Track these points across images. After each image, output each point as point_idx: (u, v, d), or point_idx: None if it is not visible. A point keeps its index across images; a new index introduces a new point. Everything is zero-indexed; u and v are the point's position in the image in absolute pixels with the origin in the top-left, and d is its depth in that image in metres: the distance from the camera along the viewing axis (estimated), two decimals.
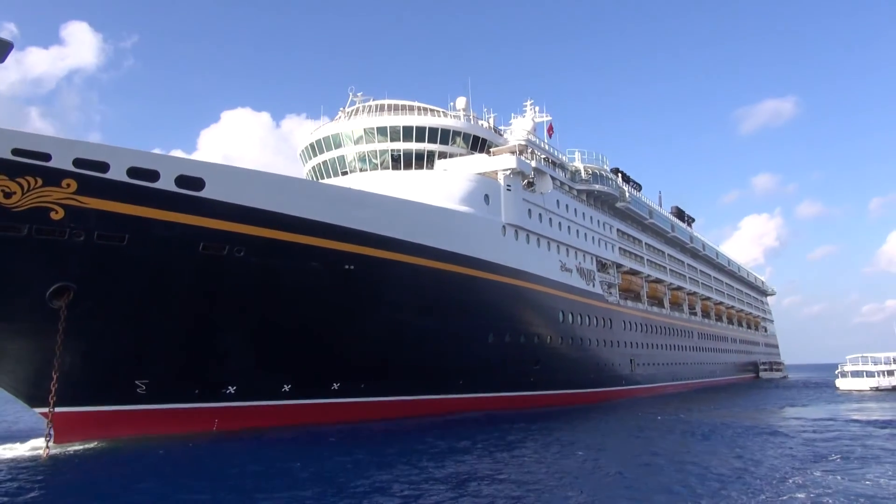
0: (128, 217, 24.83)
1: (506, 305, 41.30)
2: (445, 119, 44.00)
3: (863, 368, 70.02)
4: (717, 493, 15.65)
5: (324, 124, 46.05)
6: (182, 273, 26.89)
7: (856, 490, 15.94)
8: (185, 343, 28.13)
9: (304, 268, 29.96)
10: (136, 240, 25.23)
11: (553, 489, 16.95)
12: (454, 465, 20.60)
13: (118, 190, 24.36)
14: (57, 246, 23.84)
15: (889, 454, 22.27)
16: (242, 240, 27.79)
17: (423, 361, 35.68)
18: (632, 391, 57.95)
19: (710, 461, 20.56)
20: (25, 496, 16.40)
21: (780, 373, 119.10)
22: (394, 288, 33.63)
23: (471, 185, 40.68)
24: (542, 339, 44.70)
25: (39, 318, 24.47)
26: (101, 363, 26.33)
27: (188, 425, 28.59)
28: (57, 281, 24.33)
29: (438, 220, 36.77)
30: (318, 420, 31.93)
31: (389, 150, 42.77)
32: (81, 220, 23.95)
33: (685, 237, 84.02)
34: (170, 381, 28.21)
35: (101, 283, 25.18)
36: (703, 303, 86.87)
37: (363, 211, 32.20)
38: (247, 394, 30.37)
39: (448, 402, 37.71)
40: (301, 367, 31.36)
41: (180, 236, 26.18)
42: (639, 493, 16.06)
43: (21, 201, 22.78)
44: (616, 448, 25.31)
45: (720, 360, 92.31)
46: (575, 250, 51.71)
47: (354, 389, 33.59)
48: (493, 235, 41.12)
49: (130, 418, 27.74)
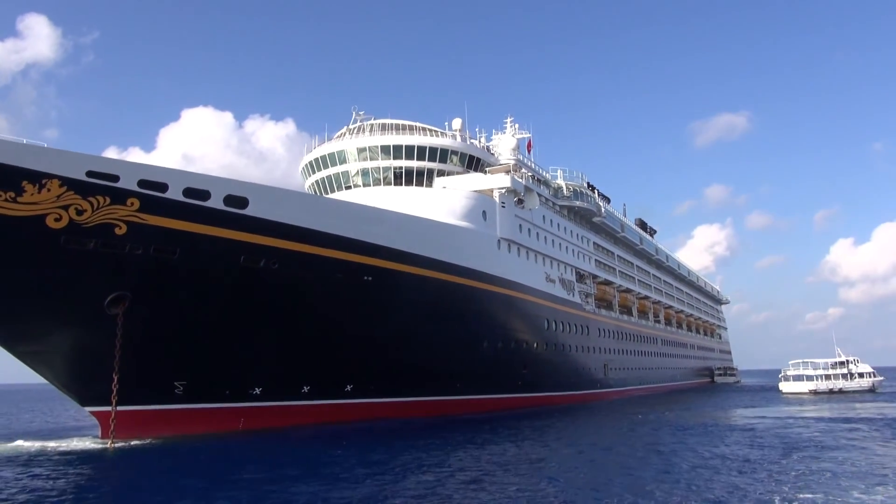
0: (181, 232, 27.24)
1: (499, 314, 44.62)
2: (443, 139, 47.17)
3: (803, 373, 74.70)
4: (733, 473, 19.17)
5: (327, 141, 48.66)
6: (223, 283, 29.32)
7: (838, 469, 19.65)
8: (219, 347, 30.49)
9: (328, 279, 32.63)
10: (186, 253, 27.63)
11: (565, 470, 20.29)
12: (476, 451, 23.73)
13: (174, 208, 26.78)
14: (118, 258, 26.12)
15: (853, 442, 26.59)
16: (277, 253, 30.36)
17: (427, 365, 38.63)
18: (606, 394, 61.97)
19: (709, 451, 24.13)
20: (117, 481, 18.96)
21: (734, 377, 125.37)
22: (404, 297, 36.50)
23: (469, 202, 43.90)
24: (530, 346, 48.15)
25: (97, 324, 26.69)
26: (146, 366, 28.55)
27: (217, 424, 30.95)
28: (115, 290, 26.60)
29: (443, 234, 39.87)
30: (333, 419, 34.56)
31: (392, 168, 45.67)
32: (141, 235, 26.29)
33: (651, 249, 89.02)
34: (204, 383, 30.57)
35: (152, 293, 27.49)
36: (665, 311, 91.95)
37: (380, 227, 35.07)
38: (271, 394, 32.86)
39: (448, 403, 40.76)
40: (320, 370, 33.99)
41: (225, 250, 28.66)
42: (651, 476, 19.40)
43: (90, 218, 25.04)
44: (619, 440, 28.84)
45: (681, 365, 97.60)
46: (558, 262, 55.46)
47: (366, 391, 36.32)
48: (490, 249, 44.45)
49: (169, 417, 30.01)
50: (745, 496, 15.77)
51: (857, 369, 75.50)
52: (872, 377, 75.72)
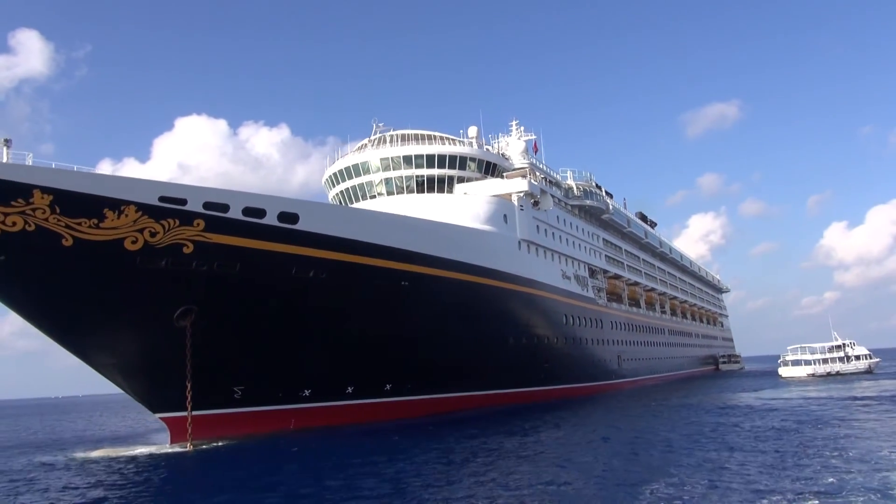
0: (240, 248, 29.45)
1: (522, 311, 47.00)
2: (462, 147, 49.48)
3: (801, 357, 77.14)
4: (789, 444, 21.91)
5: (349, 153, 50.92)
6: (277, 294, 31.53)
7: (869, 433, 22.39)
8: (273, 353, 32.71)
9: (370, 286, 34.87)
10: (245, 267, 29.84)
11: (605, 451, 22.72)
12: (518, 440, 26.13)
13: (235, 226, 29.00)
14: (185, 275, 28.34)
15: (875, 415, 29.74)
16: (324, 264, 32.59)
17: (458, 363, 40.96)
18: (620, 384, 64.45)
19: (752, 429, 26.98)
20: (211, 477, 21.23)
21: (738, 364, 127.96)
22: (437, 299, 38.75)
23: (491, 207, 46.24)
24: (550, 340, 50.51)
25: (166, 336, 28.92)
26: (210, 372, 30.76)
27: (270, 425, 33.18)
28: (183, 304, 28.82)
29: (470, 238, 42.20)
30: (374, 417, 36.82)
31: (414, 176, 47.94)
32: (205, 253, 28.50)
33: (655, 242, 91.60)
34: (260, 387, 32.83)
35: (216, 305, 29.71)
36: (671, 302, 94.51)
37: (414, 234, 37.35)
38: (319, 396, 35.11)
39: (478, 397, 43.15)
40: (362, 371, 36.25)
41: (278, 263, 30.88)
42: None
43: (162, 239, 27.27)
44: (668, 423, 31.39)
45: (687, 354, 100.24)
46: (572, 259, 57.88)
47: (403, 389, 38.61)
48: (511, 250, 46.80)
49: (229, 420, 32.26)
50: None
51: (853, 352, 77.89)
52: (868, 359, 78.23)
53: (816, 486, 15.11)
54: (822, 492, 14.43)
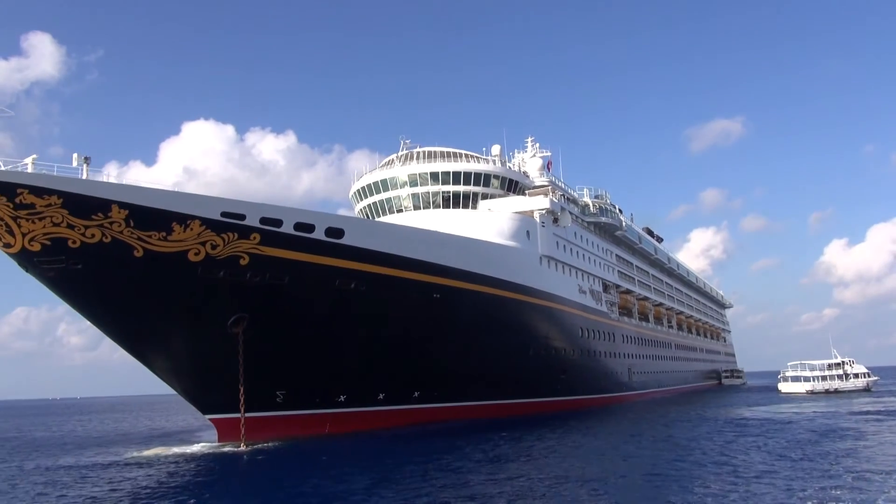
0: (291, 261, 31.38)
1: (542, 324, 48.86)
2: (486, 165, 51.51)
3: (801, 374, 78.71)
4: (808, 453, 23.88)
5: (375, 168, 52.93)
6: (320, 304, 33.42)
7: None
8: (313, 360, 34.52)
9: (404, 297, 36.74)
10: (294, 279, 31.75)
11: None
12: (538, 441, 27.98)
13: (287, 240, 30.95)
14: (241, 285, 30.24)
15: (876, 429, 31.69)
16: (365, 276, 34.48)
17: (483, 372, 42.80)
18: (630, 396, 66.23)
19: (774, 439, 29.00)
20: (275, 470, 23.05)
21: (741, 379, 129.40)
22: (465, 311, 40.64)
23: (515, 223, 48.21)
24: (567, 352, 52.33)
25: (219, 341, 30.79)
26: (256, 377, 32.57)
27: (307, 428, 35.04)
28: (237, 312, 30.70)
29: (496, 254, 44.13)
30: (402, 422, 38.61)
31: (441, 192, 49.91)
32: (259, 265, 30.42)
33: (664, 258, 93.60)
34: (300, 391, 34.65)
35: (265, 314, 31.58)
36: (677, 317, 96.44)
37: (446, 249, 39.27)
38: (353, 401, 36.93)
39: (501, 406, 44.95)
40: (393, 379, 38.09)
41: (324, 275, 32.79)
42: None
43: (222, 251, 29.21)
44: (691, 433, 33.26)
45: (692, 368, 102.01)
46: (588, 274, 59.83)
47: (430, 396, 40.45)
48: (533, 265, 48.74)
49: (271, 422, 34.07)
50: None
51: (852, 370, 79.55)
52: (867, 377, 79.86)
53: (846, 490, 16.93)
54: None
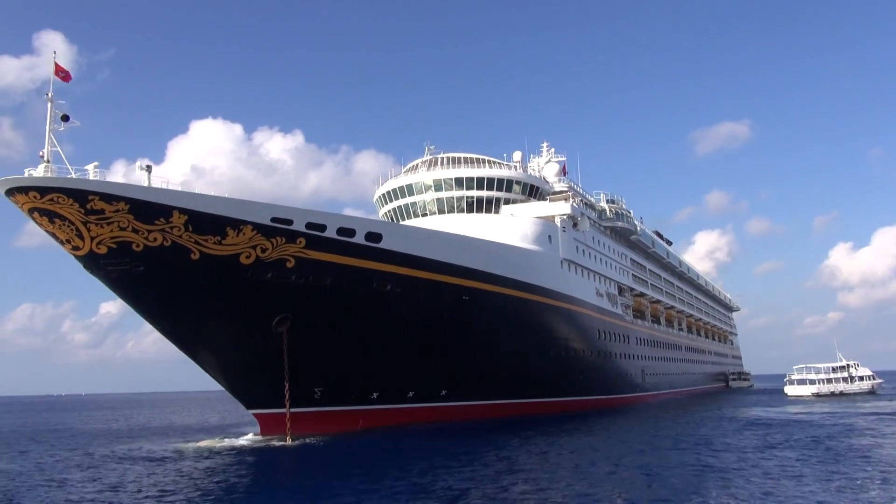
0: (333, 264, 32.98)
1: (562, 326, 50.38)
2: (508, 171, 53.11)
3: (806, 377, 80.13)
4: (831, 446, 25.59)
5: (400, 173, 54.56)
6: (358, 305, 34.98)
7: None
8: (350, 358, 36.09)
9: (436, 299, 38.30)
10: (335, 281, 33.34)
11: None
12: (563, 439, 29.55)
13: (330, 244, 32.55)
14: (286, 287, 31.85)
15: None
16: (400, 279, 36.06)
17: (506, 372, 44.31)
18: (644, 397, 67.75)
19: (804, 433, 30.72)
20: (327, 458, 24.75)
21: (748, 382, 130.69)
22: (492, 313, 42.17)
23: (537, 228, 49.76)
24: (585, 354, 53.85)
25: (264, 340, 32.41)
26: (297, 374, 34.16)
27: (342, 424, 36.56)
28: (281, 312, 32.30)
29: (521, 257, 45.67)
30: (430, 419, 40.16)
31: (465, 197, 51.49)
32: (304, 268, 32.03)
33: (675, 262, 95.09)
34: (336, 388, 36.23)
35: (307, 314, 33.17)
36: (687, 320, 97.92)
37: (475, 253, 40.83)
38: (385, 398, 38.51)
39: (523, 405, 46.45)
40: (422, 377, 39.64)
41: (363, 277, 34.38)
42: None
43: (270, 255, 30.83)
44: (720, 431, 34.79)
45: (701, 370, 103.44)
46: (604, 278, 61.38)
47: (457, 394, 42.01)
48: (555, 268, 50.29)
49: (309, 418, 35.62)
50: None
51: (857, 373, 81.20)
52: (872, 380, 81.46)
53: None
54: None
